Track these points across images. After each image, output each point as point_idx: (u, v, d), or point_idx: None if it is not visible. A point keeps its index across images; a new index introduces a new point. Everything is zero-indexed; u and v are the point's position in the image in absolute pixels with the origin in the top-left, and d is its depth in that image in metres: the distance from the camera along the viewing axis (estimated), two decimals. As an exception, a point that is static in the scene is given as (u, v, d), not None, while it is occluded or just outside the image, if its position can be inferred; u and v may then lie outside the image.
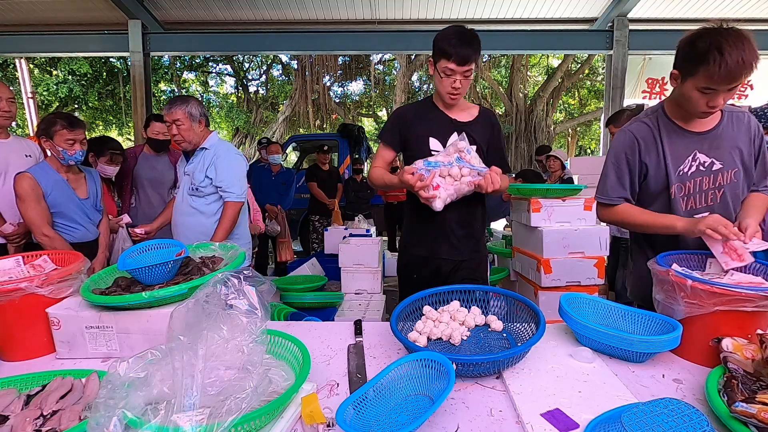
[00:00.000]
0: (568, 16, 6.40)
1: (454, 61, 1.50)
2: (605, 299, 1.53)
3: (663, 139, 1.39)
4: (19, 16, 6.24)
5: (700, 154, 1.37)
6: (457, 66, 1.50)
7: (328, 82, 14.36)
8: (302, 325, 1.43)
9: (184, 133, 2.12)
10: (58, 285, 1.19)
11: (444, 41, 1.51)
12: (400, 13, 6.29)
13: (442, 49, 1.51)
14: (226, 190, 2.16)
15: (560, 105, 15.37)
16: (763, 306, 0.98)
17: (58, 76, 11.77)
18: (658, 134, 1.40)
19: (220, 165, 2.15)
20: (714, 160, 1.37)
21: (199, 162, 2.17)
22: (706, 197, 1.39)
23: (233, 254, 1.40)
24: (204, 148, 2.18)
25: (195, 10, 6.24)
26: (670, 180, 1.39)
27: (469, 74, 1.55)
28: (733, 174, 1.38)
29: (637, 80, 6.73)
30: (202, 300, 0.85)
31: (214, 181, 2.15)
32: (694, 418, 0.67)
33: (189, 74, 15.18)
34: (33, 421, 0.81)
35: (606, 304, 1.28)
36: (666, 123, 1.40)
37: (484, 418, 0.87)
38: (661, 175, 1.40)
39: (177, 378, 0.75)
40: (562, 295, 1.24)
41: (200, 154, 2.18)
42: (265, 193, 4.73)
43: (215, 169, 2.14)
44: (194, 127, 2.14)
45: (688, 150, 1.38)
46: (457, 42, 1.48)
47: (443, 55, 1.51)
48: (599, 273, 2.58)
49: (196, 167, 2.18)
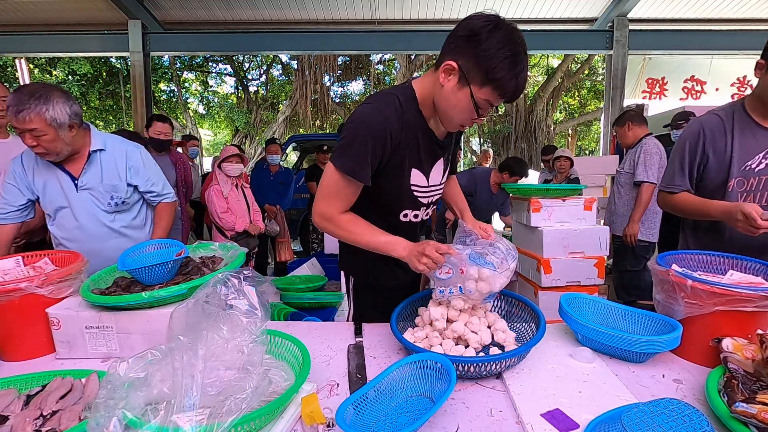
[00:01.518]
0: (568, 16, 6.41)
1: (503, 97, 1.05)
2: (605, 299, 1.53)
3: (734, 132, 1.39)
4: (19, 16, 6.24)
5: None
6: (503, 103, 1.10)
7: (328, 82, 14.36)
8: (302, 325, 1.43)
9: (49, 145, 1.53)
10: (57, 285, 1.19)
11: (511, 76, 1.00)
12: (400, 13, 6.30)
13: (499, 80, 1.01)
14: (161, 194, 1.87)
15: (560, 105, 15.36)
16: (763, 306, 0.98)
17: (58, 77, 11.78)
18: (730, 127, 1.40)
19: (141, 166, 1.78)
20: None
21: (100, 170, 1.70)
22: (765, 197, 1.39)
23: (233, 254, 1.40)
24: (98, 151, 1.69)
25: (195, 10, 6.24)
26: (731, 173, 1.39)
27: None
28: None
29: (637, 80, 6.74)
30: (202, 300, 0.85)
31: (141, 188, 1.80)
32: (694, 419, 0.67)
33: (189, 74, 15.19)
34: (33, 421, 0.81)
35: (606, 304, 1.28)
36: (742, 117, 1.40)
37: (484, 419, 0.87)
38: (723, 167, 1.41)
39: (177, 378, 0.75)
40: (562, 295, 1.24)
41: (95, 160, 1.69)
42: (264, 193, 4.73)
43: (137, 172, 1.76)
44: (62, 136, 1.55)
45: (760, 146, 1.38)
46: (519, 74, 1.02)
47: (496, 86, 1.02)
48: (599, 273, 2.57)
49: (100, 177, 1.69)
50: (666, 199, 1.56)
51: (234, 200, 3.56)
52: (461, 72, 1.03)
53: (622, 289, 3.31)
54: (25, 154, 1.68)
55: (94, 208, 1.71)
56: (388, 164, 1.16)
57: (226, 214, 3.48)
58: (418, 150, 1.19)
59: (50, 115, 1.48)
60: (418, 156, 1.20)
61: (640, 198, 3.07)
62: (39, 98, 1.47)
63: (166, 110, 13.83)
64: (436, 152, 1.24)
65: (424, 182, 1.25)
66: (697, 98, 6.74)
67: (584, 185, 2.79)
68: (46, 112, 1.47)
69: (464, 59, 1.02)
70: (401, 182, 1.21)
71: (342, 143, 1.13)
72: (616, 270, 3.40)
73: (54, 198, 1.68)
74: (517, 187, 2.94)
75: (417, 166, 1.21)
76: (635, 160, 3.11)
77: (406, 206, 1.27)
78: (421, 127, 1.17)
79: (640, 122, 3.30)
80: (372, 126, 1.09)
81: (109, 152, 1.72)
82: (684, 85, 6.82)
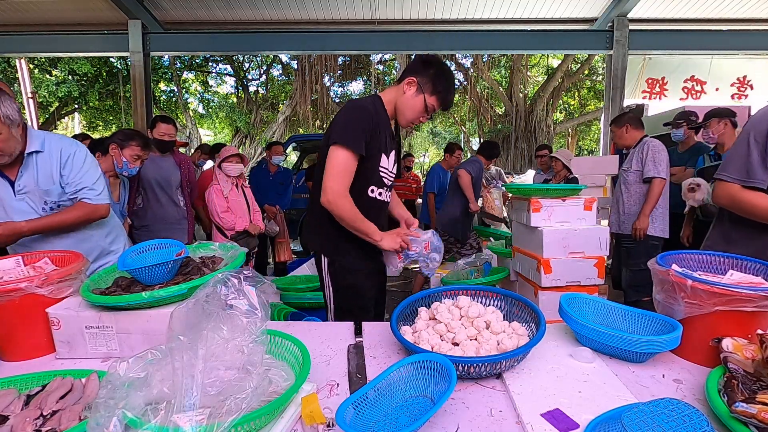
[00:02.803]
0: (568, 16, 6.41)
1: (442, 105, 1.62)
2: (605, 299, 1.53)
3: None
4: (19, 16, 6.24)
5: None
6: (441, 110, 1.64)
7: (328, 82, 14.37)
8: (302, 325, 1.43)
9: (5, 145, 1.45)
10: (58, 285, 1.19)
11: (448, 93, 1.60)
12: (400, 13, 6.30)
13: (444, 99, 1.60)
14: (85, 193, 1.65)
15: (560, 105, 15.36)
16: (763, 306, 0.98)
17: (57, 77, 11.78)
18: None
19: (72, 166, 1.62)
20: None
21: (36, 173, 1.57)
22: None
23: (233, 254, 1.40)
24: (35, 152, 1.56)
25: (195, 10, 6.24)
26: None
27: None
28: None
29: (637, 80, 6.74)
30: (202, 300, 0.85)
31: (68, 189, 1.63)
32: (694, 418, 0.67)
33: (189, 74, 15.19)
34: (33, 421, 0.81)
35: (606, 304, 1.28)
36: None
37: (484, 419, 0.87)
38: None
39: (177, 378, 0.75)
40: (562, 295, 1.24)
41: (30, 163, 1.56)
42: (264, 194, 4.73)
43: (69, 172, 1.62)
44: (15, 134, 1.47)
45: None
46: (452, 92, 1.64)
47: (441, 101, 1.60)
48: (599, 273, 2.58)
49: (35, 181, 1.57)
50: (739, 195, 1.33)
51: (234, 200, 3.56)
52: (418, 85, 1.57)
53: (633, 289, 3.29)
54: None
55: (33, 215, 1.58)
56: (368, 146, 1.51)
57: (227, 214, 3.48)
58: (384, 139, 1.59)
59: (3, 112, 1.40)
60: (384, 143, 1.59)
61: (652, 193, 3.10)
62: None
63: (166, 110, 13.83)
64: (391, 143, 1.64)
65: (388, 165, 1.63)
66: (697, 98, 6.74)
67: (584, 185, 2.79)
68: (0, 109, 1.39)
69: (421, 77, 1.57)
70: (375, 163, 1.58)
71: (339, 126, 1.49)
72: (628, 269, 3.35)
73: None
74: (517, 187, 2.94)
75: (384, 151, 1.60)
76: (643, 158, 3.15)
77: (374, 184, 1.61)
78: (385, 122, 1.60)
79: (638, 125, 3.36)
80: (364, 109, 1.52)
81: (46, 153, 1.59)
82: (684, 85, 6.83)
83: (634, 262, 3.26)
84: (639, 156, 3.19)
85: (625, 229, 3.28)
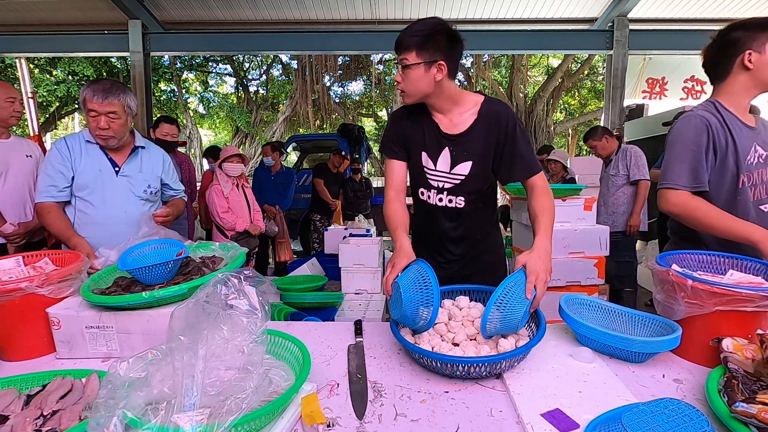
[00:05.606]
0: (568, 16, 6.41)
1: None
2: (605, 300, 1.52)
3: (729, 128, 1.39)
4: (19, 16, 6.24)
5: (758, 147, 1.41)
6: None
7: (328, 82, 14.36)
8: (302, 325, 1.43)
9: (118, 129, 1.78)
10: (58, 285, 1.19)
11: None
12: (400, 13, 6.30)
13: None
14: (179, 191, 2.12)
15: (560, 105, 15.36)
16: (763, 306, 0.98)
17: (58, 76, 11.78)
18: (724, 122, 1.40)
19: (171, 168, 2.05)
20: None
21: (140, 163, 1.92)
22: (767, 188, 1.42)
23: (233, 254, 1.40)
24: (140, 147, 1.93)
25: (195, 10, 6.24)
26: (740, 168, 1.38)
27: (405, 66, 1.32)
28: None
29: (638, 80, 6.74)
30: (202, 300, 0.85)
31: (170, 185, 2.06)
32: (694, 418, 0.67)
33: (189, 74, 15.19)
34: (33, 421, 0.81)
35: (606, 305, 1.28)
36: (727, 114, 1.42)
37: (485, 419, 0.87)
38: (733, 162, 1.39)
39: (177, 378, 0.75)
40: (562, 296, 1.24)
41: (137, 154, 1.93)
42: (263, 193, 4.74)
43: (167, 171, 2.02)
44: (128, 123, 1.85)
45: (750, 142, 1.40)
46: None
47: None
48: (599, 273, 2.58)
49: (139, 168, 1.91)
50: (681, 200, 1.38)
51: (234, 200, 3.56)
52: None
53: (617, 279, 3.64)
54: (69, 139, 1.83)
55: (129, 194, 1.87)
56: (407, 146, 1.46)
57: (227, 214, 3.48)
58: (423, 137, 1.44)
59: (127, 103, 1.78)
60: (423, 142, 1.44)
61: (640, 194, 3.55)
62: (121, 88, 1.78)
63: (166, 110, 13.83)
64: (440, 142, 1.42)
65: (432, 165, 1.44)
66: (697, 98, 6.74)
67: (584, 185, 2.79)
68: (125, 99, 1.77)
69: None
70: (416, 162, 1.47)
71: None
72: (613, 261, 3.54)
73: (89, 181, 1.80)
74: (517, 187, 2.93)
75: (425, 150, 1.45)
76: (627, 163, 3.59)
77: (421, 185, 1.49)
78: (425, 119, 1.44)
79: (611, 135, 3.81)
80: (393, 115, 1.52)
81: (149, 151, 1.97)
82: (684, 84, 6.83)
83: (620, 254, 3.62)
84: (624, 162, 3.62)
85: (613, 226, 3.58)
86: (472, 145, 1.39)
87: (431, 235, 1.53)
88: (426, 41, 1.29)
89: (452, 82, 1.38)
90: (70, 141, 1.82)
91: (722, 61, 1.44)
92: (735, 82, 1.43)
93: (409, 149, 1.47)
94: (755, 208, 1.42)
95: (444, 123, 1.41)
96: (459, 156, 1.40)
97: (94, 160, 1.83)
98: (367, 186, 6.44)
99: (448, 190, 1.44)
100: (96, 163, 1.83)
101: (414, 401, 0.93)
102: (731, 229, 1.31)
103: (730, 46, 1.42)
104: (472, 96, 1.42)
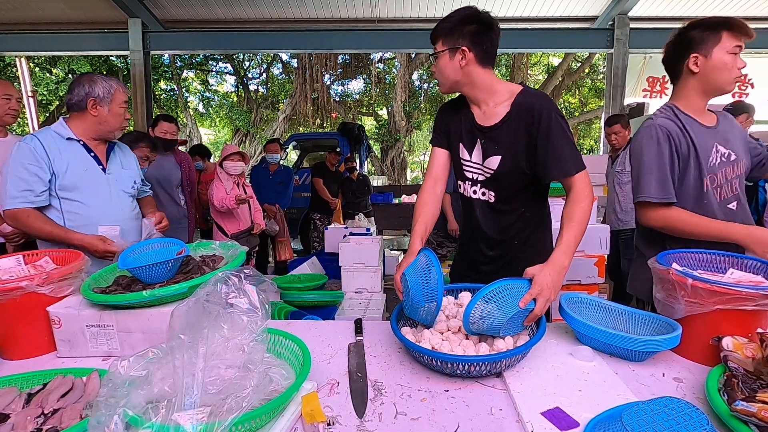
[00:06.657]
0: (568, 14, 6.39)
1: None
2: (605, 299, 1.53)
3: (689, 133, 1.40)
4: (19, 15, 6.23)
5: (720, 146, 1.41)
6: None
7: (329, 81, 14.34)
8: (303, 323, 1.43)
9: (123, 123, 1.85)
10: (58, 284, 1.19)
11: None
12: (400, 12, 6.28)
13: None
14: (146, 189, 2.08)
15: (561, 104, 15.34)
16: (763, 305, 0.98)
17: (58, 75, 11.76)
18: (683, 128, 1.41)
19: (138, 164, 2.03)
20: (730, 152, 1.42)
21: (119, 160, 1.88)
22: (731, 187, 1.43)
23: (233, 253, 1.40)
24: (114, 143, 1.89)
25: (195, 9, 6.22)
26: (702, 173, 1.39)
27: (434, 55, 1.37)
28: (743, 164, 1.44)
29: (638, 79, 6.72)
30: (202, 299, 0.85)
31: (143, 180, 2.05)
32: (694, 417, 0.67)
33: (189, 72, 15.17)
34: (34, 419, 0.81)
35: (606, 304, 1.28)
36: (685, 118, 1.42)
37: (485, 417, 0.87)
38: (695, 168, 1.40)
39: (178, 377, 0.75)
40: (563, 295, 1.24)
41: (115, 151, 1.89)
42: (262, 192, 4.73)
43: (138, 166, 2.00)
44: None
45: (710, 143, 1.41)
46: None
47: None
48: (599, 272, 2.58)
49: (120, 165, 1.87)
50: (661, 214, 1.39)
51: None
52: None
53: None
54: (42, 136, 1.68)
55: (119, 192, 1.83)
56: (449, 137, 1.47)
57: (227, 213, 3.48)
58: (460, 127, 1.44)
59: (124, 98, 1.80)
60: (460, 132, 1.44)
61: None
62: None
63: (166, 109, 13.82)
64: (474, 134, 1.41)
65: (467, 156, 1.44)
66: (698, 97, 6.72)
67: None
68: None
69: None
70: (455, 153, 1.47)
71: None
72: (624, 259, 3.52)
73: (76, 181, 1.71)
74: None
75: (461, 141, 1.45)
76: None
77: (459, 176, 1.50)
78: (464, 110, 1.44)
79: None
80: (441, 107, 1.54)
81: (120, 147, 1.93)
82: (684, 83, 6.79)
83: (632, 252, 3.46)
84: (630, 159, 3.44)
85: (624, 225, 3.45)
86: (502, 139, 1.33)
87: (467, 229, 1.56)
88: (452, 29, 1.32)
89: (485, 71, 1.33)
90: (44, 139, 1.67)
91: (677, 62, 1.43)
92: (686, 85, 1.43)
93: (449, 139, 1.48)
94: (723, 208, 1.42)
95: (478, 114, 1.39)
96: (489, 149, 1.37)
97: (76, 158, 1.72)
98: (365, 184, 6.42)
99: (482, 182, 1.43)
100: (81, 162, 1.73)
101: (414, 400, 0.93)
102: (713, 231, 1.33)
103: (684, 47, 1.41)
104: (508, 86, 1.36)
